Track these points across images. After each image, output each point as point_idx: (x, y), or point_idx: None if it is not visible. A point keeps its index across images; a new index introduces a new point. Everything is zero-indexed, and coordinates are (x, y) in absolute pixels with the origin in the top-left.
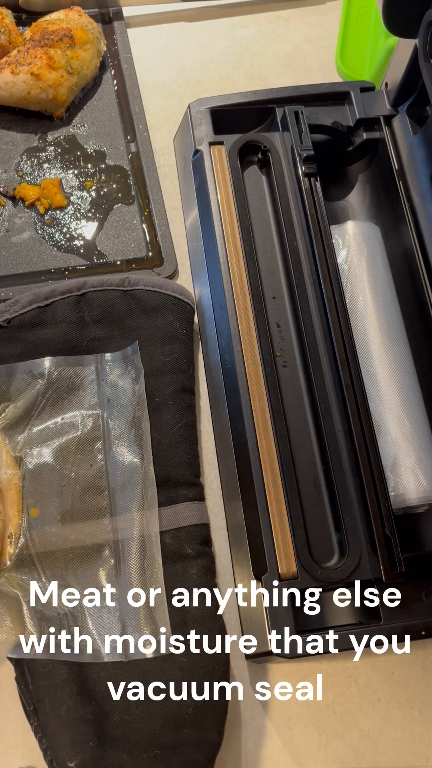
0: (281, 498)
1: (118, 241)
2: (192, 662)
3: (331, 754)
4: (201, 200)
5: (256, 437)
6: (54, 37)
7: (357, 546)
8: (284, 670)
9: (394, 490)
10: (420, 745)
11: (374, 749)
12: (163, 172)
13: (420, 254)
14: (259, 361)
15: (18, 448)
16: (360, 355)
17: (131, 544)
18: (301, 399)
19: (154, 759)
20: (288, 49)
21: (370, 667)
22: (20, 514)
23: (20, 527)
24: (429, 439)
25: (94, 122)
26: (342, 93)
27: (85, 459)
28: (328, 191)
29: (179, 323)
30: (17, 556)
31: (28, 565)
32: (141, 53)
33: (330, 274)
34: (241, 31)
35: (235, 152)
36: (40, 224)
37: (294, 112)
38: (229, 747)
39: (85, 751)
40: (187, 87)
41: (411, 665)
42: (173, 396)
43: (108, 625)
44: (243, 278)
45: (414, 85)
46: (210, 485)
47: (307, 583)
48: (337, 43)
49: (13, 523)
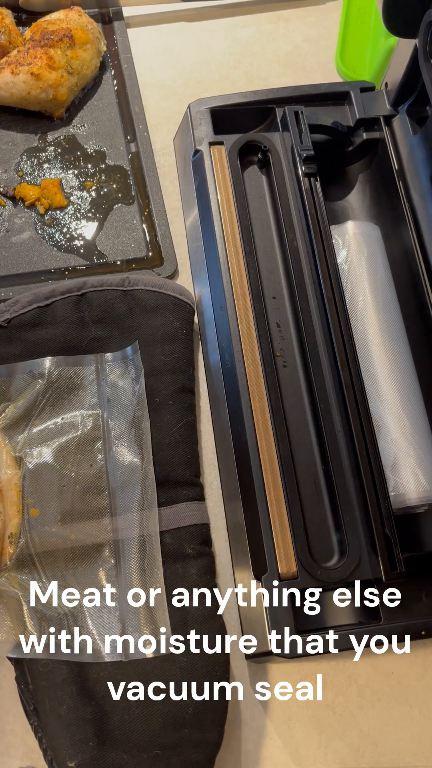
0: (281, 498)
1: (118, 241)
2: (192, 662)
3: (331, 754)
4: (201, 200)
5: (256, 437)
6: (54, 37)
7: (357, 546)
8: (284, 670)
9: (394, 490)
10: (420, 745)
11: (374, 749)
12: (163, 172)
13: (420, 254)
14: (259, 361)
15: (18, 448)
16: (360, 355)
17: (131, 544)
18: (301, 399)
19: (154, 759)
20: (288, 49)
21: (370, 667)
22: (20, 514)
23: (20, 527)
24: (429, 439)
25: (94, 122)
26: (342, 93)
27: (85, 459)
28: (328, 191)
29: (179, 323)
30: (17, 556)
31: (28, 565)
32: (141, 53)
33: (330, 274)
34: (241, 31)
35: (235, 152)
36: (40, 224)
37: (294, 112)
38: (229, 747)
39: (85, 751)
40: (187, 87)
41: (411, 665)
42: (173, 396)
43: (108, 625)
44: (243, 278)
45: (414, 85)
46: (210, 485)
47: (307, 583)
48: (337, 43)
49: (13, 523)
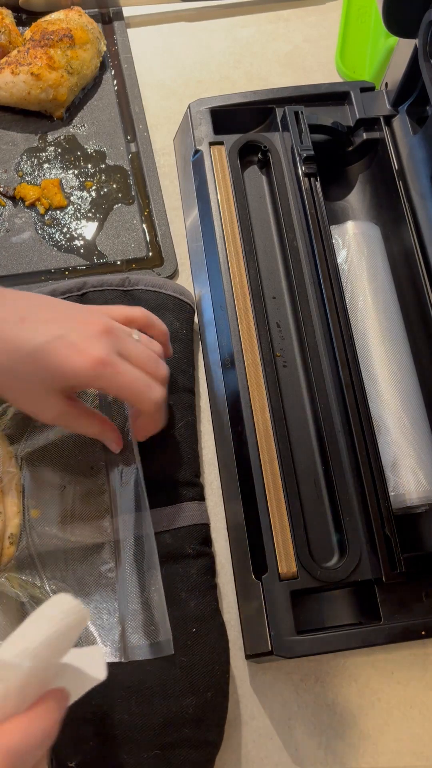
0: (281, 498)
1: (118, 241)
2: (192, 662)
3: (331, 754)
4: (201, 200)
5: (256, 437)
6: (54, 37)
7: (357, 546)
8: (284, 670)
9: (394, 490)
10: (420, 745)
11: (374, 749)
12: (163, 172)
13: (420, 254)
14: (259, 361)
15: (19, 450)
16: (360, 355)
17: (130, 545)
18: (301, 399)
19: (154, 759)
20: (288, 49)
21: (370, 667)
22: (21, 514)
23: (21, 528)
24: (429, 439)
25: (94, 122)
26: (342, 93)
27: (85, 460)
28: (328, 191)
29: (180, 323)
30: (18, 556)
31: (28, 565)
32: (141, 53)
33: (330, 274)
34: (241, 31)
35: (235, 152)
36: (40, 224)
37: (294, 112)
38: (229, 747)
39: (85, 750)
40: (187, 87)
41: (411, 665)
42: (173, 396)
43: (108, 626)
44: (243, 278)
45: (414, 85)
46: (210, 485)
47: (307, 583)
48: (337, 43)
49: (13, 524)
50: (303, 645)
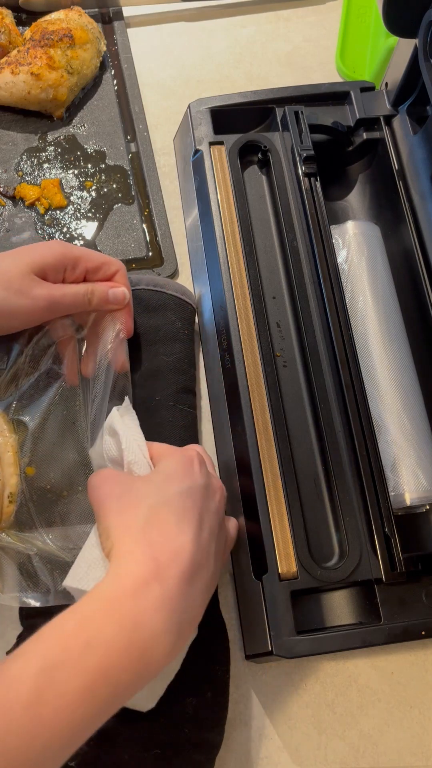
0: (281, 498)
1: (118, 241)
2: (192, 662)
3: (331, 754)
4: (201, 200)
5: (256, 437)
6: (54, 37)
7: (357, 546)
8: (284, 670)
9: (394, 490)
10: (420, 745)
11: (374, 749)
12: (163, 172)
13: (420, 254)
14: (259, 361)
15: (12, 412)
16: (360, 355)
17: None
18: (301, 399)
19: (154, 758)
20: (288, 49)
21: (370, 667)
22: (18, 474)
23: (18, 486)
24: (429, 439)
25: (94, 122)
26: (342, 93)
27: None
28: (328, 191)
29: (181, 323)
30: (16, 514)
31: (27, 522)
32: (141, 53)
33: (330, 274)
34: (241, 31)
35: (235, 152)
36: (40, 224)
37: (294, 112)
38: (229, 747)
39: (85, 750)
40: (187, 87)
41: (411, 665)
42: (174, 396)
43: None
44: (243, 278)
45: (414, 85)
46: None
47: (307, 583)
48: (337, 43)
49: (11, 483)
50: (303, 645)
